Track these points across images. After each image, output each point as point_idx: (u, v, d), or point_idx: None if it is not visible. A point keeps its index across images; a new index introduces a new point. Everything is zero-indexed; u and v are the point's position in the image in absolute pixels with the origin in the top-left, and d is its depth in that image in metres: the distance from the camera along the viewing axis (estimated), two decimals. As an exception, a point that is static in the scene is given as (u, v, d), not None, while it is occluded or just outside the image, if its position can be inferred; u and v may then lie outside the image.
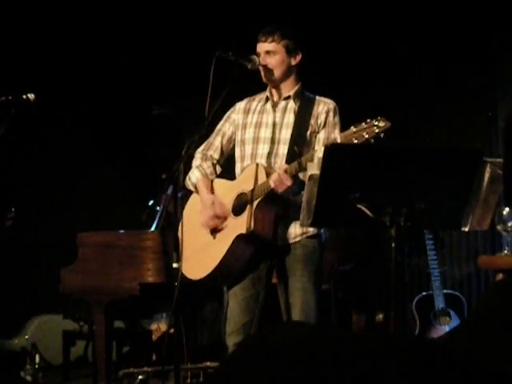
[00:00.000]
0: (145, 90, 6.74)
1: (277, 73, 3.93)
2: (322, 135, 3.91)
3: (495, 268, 4.59)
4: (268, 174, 3.77)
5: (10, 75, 6.13)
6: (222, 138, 4.06)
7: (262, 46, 3.94)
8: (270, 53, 3.92)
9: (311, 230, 3.86)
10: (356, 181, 3.16)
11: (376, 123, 3.37)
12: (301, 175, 3.73)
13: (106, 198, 6.97)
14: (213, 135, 4.11)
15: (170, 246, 4.12)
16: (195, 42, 6.47)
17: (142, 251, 4.79)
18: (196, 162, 4.04)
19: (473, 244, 6.32)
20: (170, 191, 5.03)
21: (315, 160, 3.46)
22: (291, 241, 3.87)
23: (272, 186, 3.69)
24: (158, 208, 5.19)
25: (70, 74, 6.74)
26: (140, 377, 5.36)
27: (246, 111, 4.04)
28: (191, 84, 5.34)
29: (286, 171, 3.67)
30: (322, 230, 3.92)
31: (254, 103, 4.06)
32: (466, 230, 3.36)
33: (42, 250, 6.66)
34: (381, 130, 3.36)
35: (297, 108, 3.94)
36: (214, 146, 4.07)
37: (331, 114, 3.93)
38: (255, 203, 3.78)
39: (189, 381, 5.26)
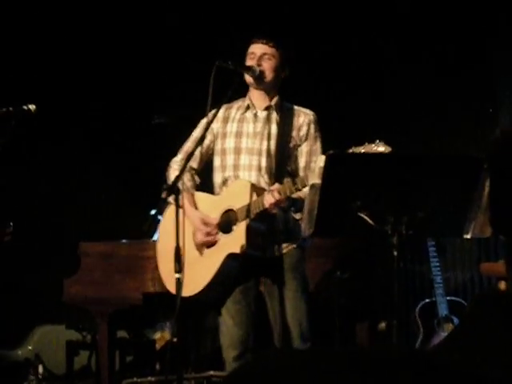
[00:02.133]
0: (145, 100, 6.73)
1: (268, 77, 3.86)
2: (304, 148, 3.90)
3: (497, 275, 4.61)
4: (258, 193, 3.74)
5: (11, 86, 6.13)
6: (201, 147, 3.93)
7: (261, 48, 3.88)
8: (268, 56, 3.86)
9: (296, 240, 3.86)
10: (357, 189, 3.16)
11: (375, 147, 3.33)
12: None
13: (108, 208, 6.96)
14: (189, 144, 4.02)
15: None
16: (195, 52, 6.48)
17: (143, 261, 4.79)
18: (174, 173, 3.83)
19: (475, 251, 6.30)
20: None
21: (316, 169, 3.46)
22: (279, 253, 3.85)
23: (266, 206, 3.68)
24: (159, 218, 5.18)
25: (70, 84, 6.74)
26: (143, 386, 5.36)
27: (225, 119, 3.96)
28: (191, 93, 5.34)
29: (279, 192, 3.64)
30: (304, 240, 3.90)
31: (233, 111, 3.97)
32: (468, 237, 3.36)
33: (45, 259, 6.65)
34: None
35: (278, 118, 3.90)
36: (193, 155, 3.89)
37: (312, 126, 3.91)
38: (246, 222, 3.74)
39: (192, 390, 5.26)
